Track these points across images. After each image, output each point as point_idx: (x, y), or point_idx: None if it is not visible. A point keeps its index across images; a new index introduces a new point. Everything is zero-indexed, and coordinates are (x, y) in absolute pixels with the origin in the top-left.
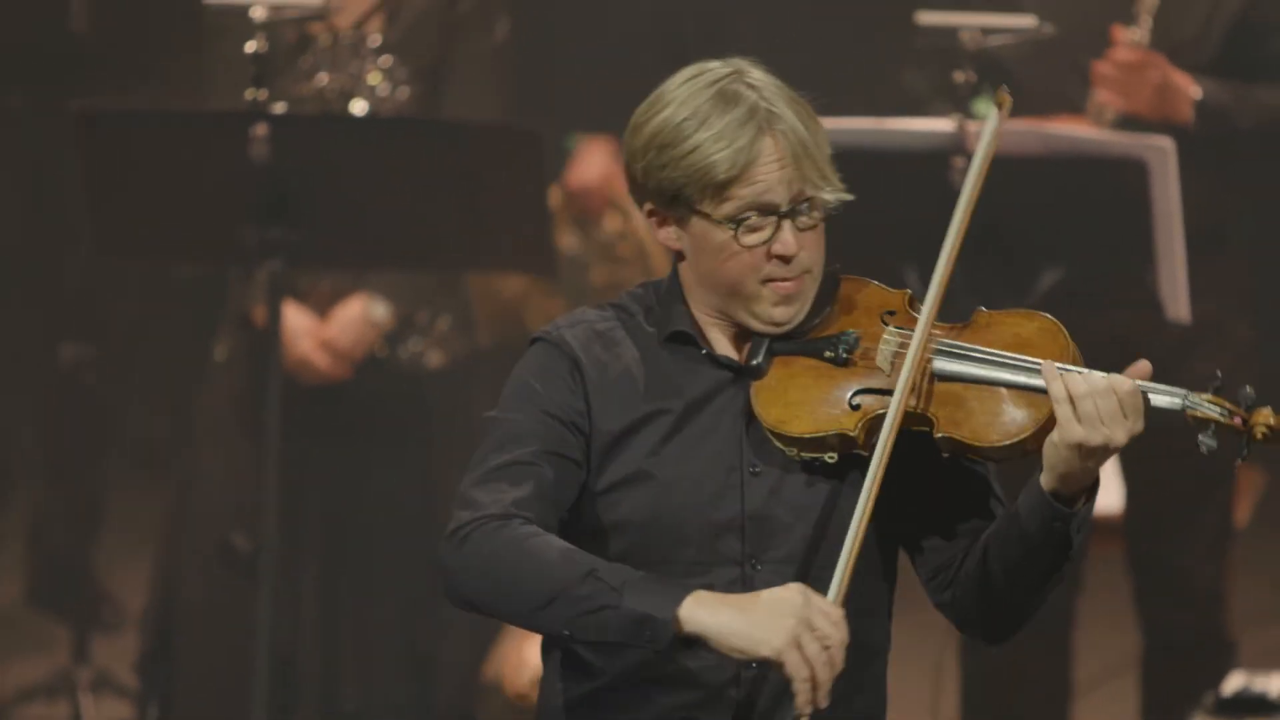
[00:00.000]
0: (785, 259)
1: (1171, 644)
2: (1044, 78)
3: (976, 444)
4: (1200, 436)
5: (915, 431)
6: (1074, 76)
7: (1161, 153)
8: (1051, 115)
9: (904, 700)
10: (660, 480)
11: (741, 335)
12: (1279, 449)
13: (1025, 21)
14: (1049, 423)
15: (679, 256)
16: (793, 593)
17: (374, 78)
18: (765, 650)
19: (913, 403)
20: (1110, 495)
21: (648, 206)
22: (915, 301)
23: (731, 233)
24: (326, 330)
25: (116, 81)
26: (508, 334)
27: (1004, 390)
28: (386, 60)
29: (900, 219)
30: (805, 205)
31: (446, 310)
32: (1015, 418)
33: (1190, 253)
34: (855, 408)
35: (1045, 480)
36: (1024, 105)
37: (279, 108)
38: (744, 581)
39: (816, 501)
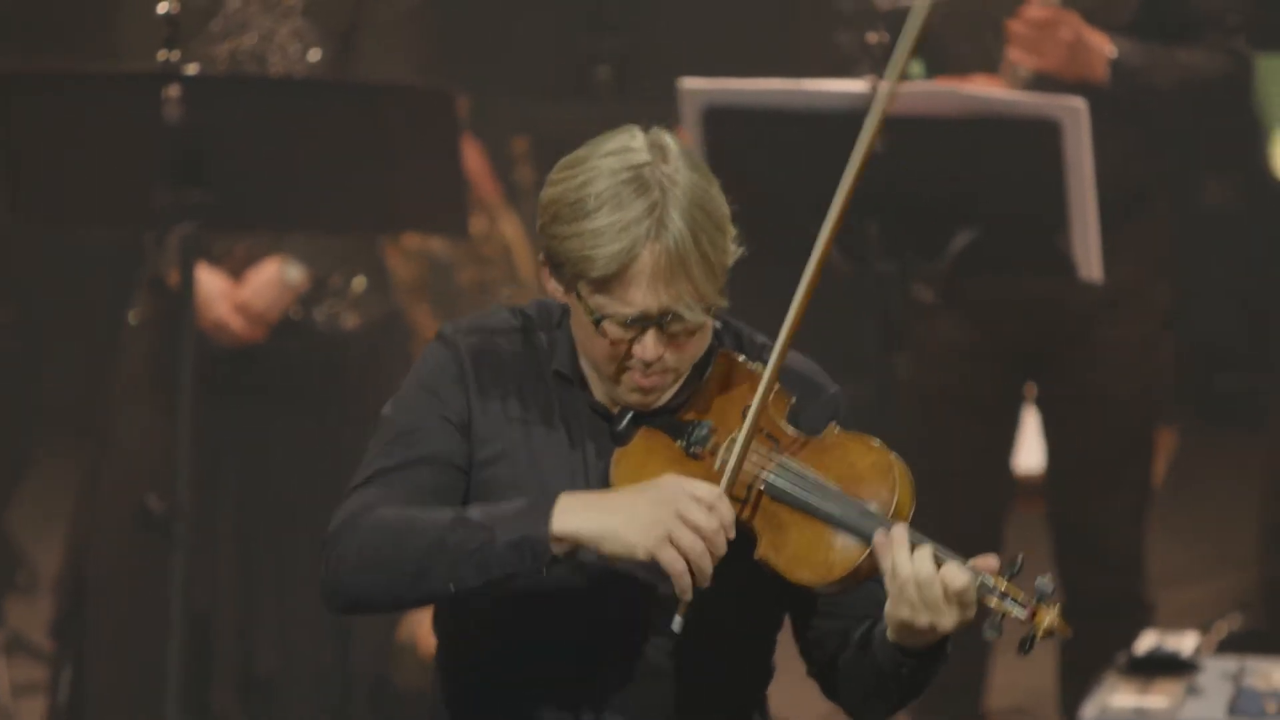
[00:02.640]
0: (645, 362)
1: (1088, 603)
2: (959, 37)
3: (787, 576)
4: (986, 624)
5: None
6: (989, 35)
7: (1074, 112)
8: (967, 75)
9: None
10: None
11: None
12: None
13: None
14: (857, 571)
15: None
16: (663, 483)
17: (285, 39)
18: (639, 553)
19: (746, 514)
20: (1031, 455)
21: (541, 256)
22: (783, 396)
23: (595, 323)
24: (241, 293)
25: (27, 44)
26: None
27: (824, 526)
28: (298, 22)
29: (816, 180)
30: (670, 318)
31: (361, 272)
32: (825, 559)
33: (1109, 215)
34: None
35: (890, 634)
36: (941, 65)
37: (192, 69)
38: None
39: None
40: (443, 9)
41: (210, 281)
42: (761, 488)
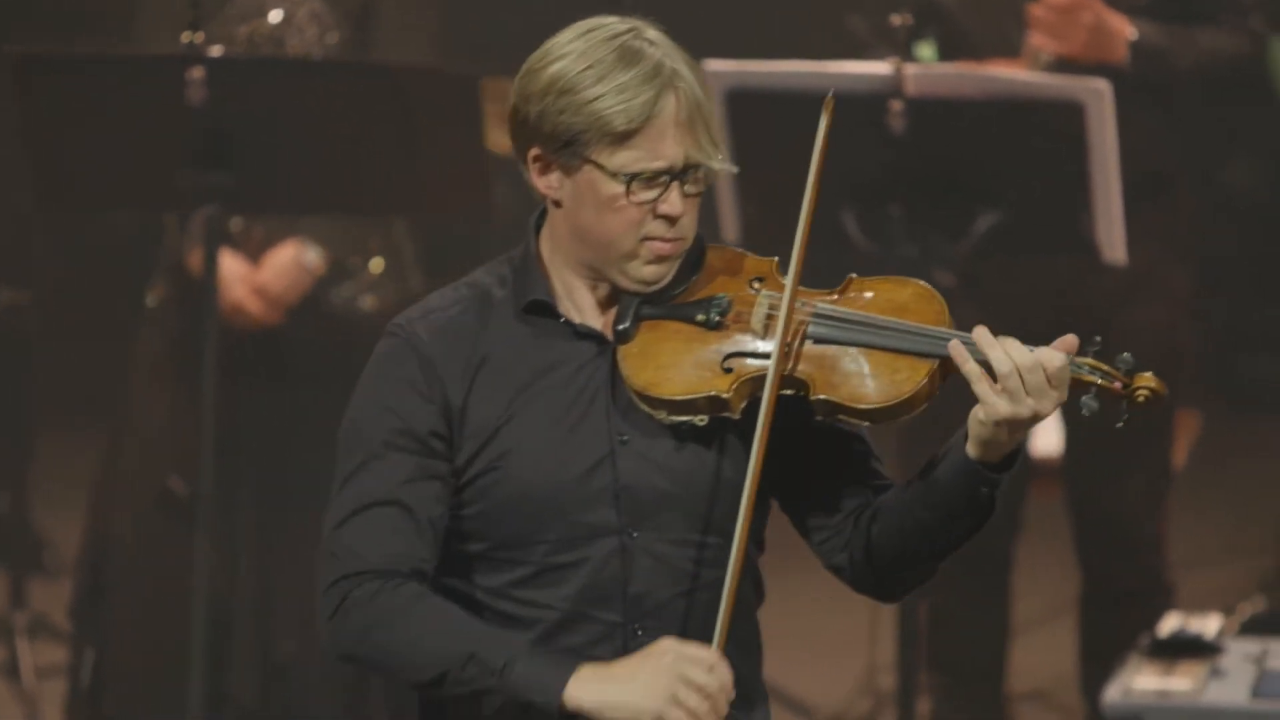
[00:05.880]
0: (670, 220)
1: (1109, 586)
2: (980, 21)
3: (854, 405)
4: (1083, 398)
5: (788, 396)
6: (1010, 20)
7: (1098, 94)
8: (987, 59)
9: (841, 645)
10: (529, 460)
11: (605, 300)
12: (1157, 410)
13: None
14: (925, 385)
15: (549, 206)
16: (663, 651)
17: (303, 22)
18: (646, 718)
19: (788, 366)
20: (1050, 438)
21: (534, 151)
22: (783, 268)
23: (624, 186)
24: (259, 276)
25: (52, 27)
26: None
27: (881, 354)
28: (315, 5)
29: (837, 162)
30: (695, 169)
31: (379, 254)
32: (893, 379)
33: (1129, 198)
34: (728, 370)
35: (972, 450)
36: (961, 49)
37: (216, 51)
38: (623, 550)
39: (690, 465)
40: None
41: (229, 264)
42: (805, 332)
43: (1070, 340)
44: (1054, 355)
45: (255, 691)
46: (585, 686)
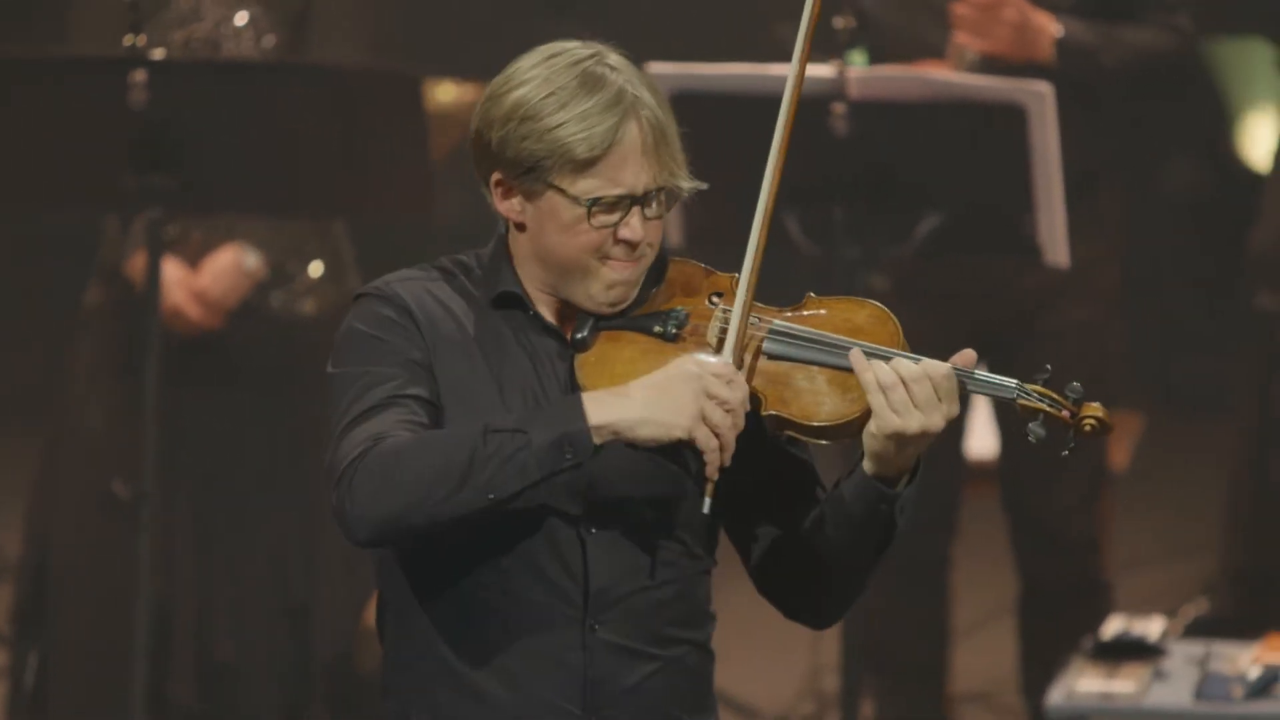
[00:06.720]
0: (631, 244)
1: (1048, 588)
2: (905, 23)
3: (804, 422)
4: (1030, 425)
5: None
6: (933, 20)
7: (1040, 98)
8: (915, 61)
9: (785, 647)
10: None
11: (566, 309)
12: (1103, 439)
13: None
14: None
15: (511, 227)
16: (684, 364)
17: (239, 26)
18: (677, 433)
19: (747, 380)
20: (985, 440)
21: (496, 176)
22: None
23: (584, 210)
24: (198, 280)
25: None
26: None
27: (833, 372)
28: (251, 9)
29: (783, 165)
30: (658, 193)
31: (318, 258)
32: (845, 398)
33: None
34: None
35: (868, 465)
36: (887, 53)
37: (158, 54)
38: (581, 544)
39: (650, 472)
40: None
41: (167, 269)
42: (759, 348)
43: (968, 355)
44: (939, 366)
45: (195, 693)
46: (605, 406)
